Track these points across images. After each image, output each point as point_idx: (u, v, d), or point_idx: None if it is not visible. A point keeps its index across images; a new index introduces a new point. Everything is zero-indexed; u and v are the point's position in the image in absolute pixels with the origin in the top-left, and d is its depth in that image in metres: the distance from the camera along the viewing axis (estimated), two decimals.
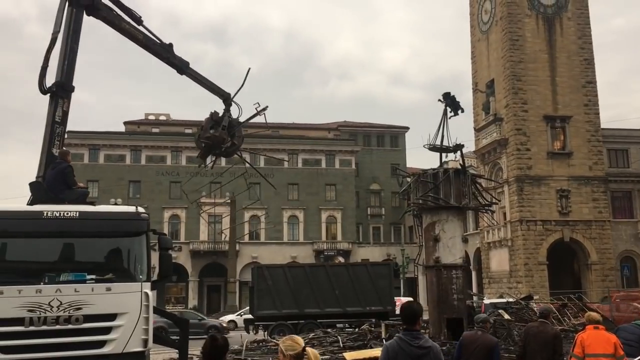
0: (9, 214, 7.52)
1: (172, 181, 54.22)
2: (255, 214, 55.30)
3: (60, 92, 8.84)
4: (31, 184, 8.40)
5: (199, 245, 52.91)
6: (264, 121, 12.04)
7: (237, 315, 35.74)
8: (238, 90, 11.48)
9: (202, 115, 12.11)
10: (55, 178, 8.34)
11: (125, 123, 60.18)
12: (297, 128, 63.07)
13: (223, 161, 60.14)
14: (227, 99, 11.42)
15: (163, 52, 10.63)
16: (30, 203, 8.10)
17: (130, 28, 10.18)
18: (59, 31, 9.04)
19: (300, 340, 4.00)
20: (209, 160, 12.42)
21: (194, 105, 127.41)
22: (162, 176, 53.86)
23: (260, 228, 55.35)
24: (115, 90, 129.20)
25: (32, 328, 6.81)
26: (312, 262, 47.22)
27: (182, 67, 10.88)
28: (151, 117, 63.07)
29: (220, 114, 11.39)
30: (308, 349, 3.93)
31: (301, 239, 55.59)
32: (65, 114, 8.91)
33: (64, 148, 9.18)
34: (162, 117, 63.45)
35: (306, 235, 55.59)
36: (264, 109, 11.94)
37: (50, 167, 8.58)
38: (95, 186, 50.18)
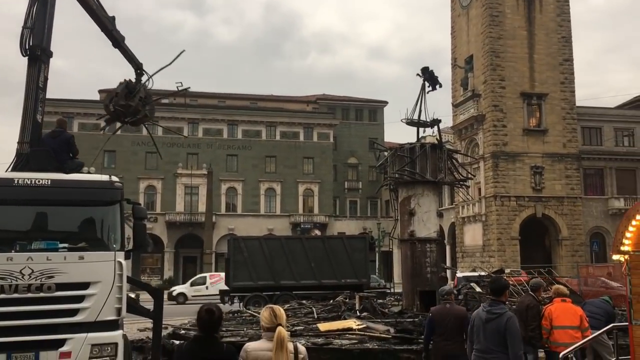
0: None
1: (147, 151, 53.60)
2: (232, 185, 55.19)
3: (42, 57, 8.66)
4: (33, 152, 8.23)
5: (175, 216, 52.70)
6: (184, 101, 11.83)
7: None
8: (161, 69, 11.33)
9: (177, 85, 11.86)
10: (60, 147, 8.35)
11: (100, 91, 59.07)
12: (276, 100, 62.73)
13: (200, 132, 59.37)
14: (139, 68, 11.30)
15: (109, 24, 10.51)
16: (29, 171, 7.91)
17: None
18: None
19: (279, 315, 3.89)
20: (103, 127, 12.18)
21: (171, 75, 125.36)
22: (137, 146, 53.17)
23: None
24: (91, 57, 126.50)
25: (2, 296, 6.75)
26: (288, 234, 47.40)
27: (119, 41, 10.80)
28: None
29: (134, 82, 11.24)
30: (279, 328, 3.81)
31: (278, 211, 55.71)
32: (45, 80, 8.77)
33: (62, 117, 9.20)
34: None
35: (283, 207, 55.71)
36: (186, 89, 11.83)
37: (48, 135, 8.54)
38: None
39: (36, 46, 8.61)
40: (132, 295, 11.55)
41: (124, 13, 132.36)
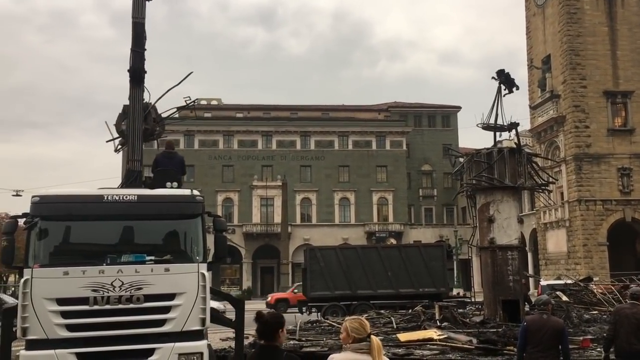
0: (73, 198, 7.84)
1: (224, 165, 55.15)
2: (307, 196, 55.73)
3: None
4: (161, 172, 8.95)
5: (251, 227, 53.78)
6: (194, 114, 11.89)
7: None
8: (169, 90, 11.47)
9: (252, 99, 12.25)
10: (177, 168, 9.25)
11: (178, 108, 61.35)
12: (347, 110, 62.94)
13: (274, 144, 60.45)
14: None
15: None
16: (152, 187, 8.49)
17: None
18: (143, 17, 9.33)
19: (368, 326, 3.92)
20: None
21: (243, 90, 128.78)
22: (214, 160, 54.88)
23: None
24: (167, 76, 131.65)
25: (96, 307, 7.06)
26: (363, 243, 47.24)
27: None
28: (203, 102, 64.11)
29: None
30: (373, 337, 3.85)
31: (352, 220, 55.71)
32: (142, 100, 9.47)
33: (170, 139, 10.00)
34: (214, 102, 64.44)
35: (357, 217, 55.66)
36: (193, 102, 12.04)
37: (163, 156, 9.44)
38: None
39: (140, 68, 9.17)
40: (215, 305, 11.82)
41: (199, 30, 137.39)
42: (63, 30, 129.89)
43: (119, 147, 11.67)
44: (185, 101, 12.05)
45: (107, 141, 11.38)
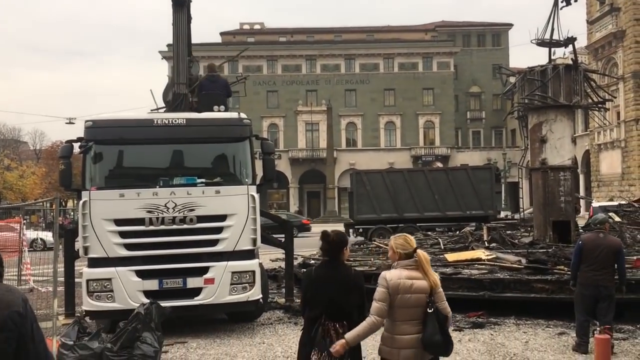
0: (124, 122, 8.00)
1: (269, 90, 54.96)
2: (352, 120, 55.33)
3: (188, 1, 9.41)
4: (206, 95, 9.01)
5: (297, 153, 54.10)
6: (244, 92, 11.81)
7: None
8: (224, 62, 11.10)
9: (295, 23, 12.04)
10: (221, 90, 9.18)
11: (222, 34, 60.86)
12: (393, 31, 61.07)
13: (318, 68, 59.41)
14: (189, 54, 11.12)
15: None
16: (199, 111, 8.54)
17: None
18: None
19: (413, 241, 3.94)
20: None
21: (287, 13, 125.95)
22: (259, 86, 54.67)
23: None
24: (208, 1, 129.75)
25: (151, 227, 7.34)
26: (409, 167, 47.01)
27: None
28: (246, 27, 63.28)
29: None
30: (419, 251, 3.87)
31: (398, 145, 55.29)
32: (189, 21, 9.53)
33: (212, 62, 9.91)
34: (257, 27, 63.49)
35: (403, 141, 55.18)
36: (244, 78, 11.96)
37: (207, 80, 9.31)
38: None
39: None
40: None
41: None
42: None
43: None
44: (237, 77, 12.17)
45: (151, 110, 11.39)
